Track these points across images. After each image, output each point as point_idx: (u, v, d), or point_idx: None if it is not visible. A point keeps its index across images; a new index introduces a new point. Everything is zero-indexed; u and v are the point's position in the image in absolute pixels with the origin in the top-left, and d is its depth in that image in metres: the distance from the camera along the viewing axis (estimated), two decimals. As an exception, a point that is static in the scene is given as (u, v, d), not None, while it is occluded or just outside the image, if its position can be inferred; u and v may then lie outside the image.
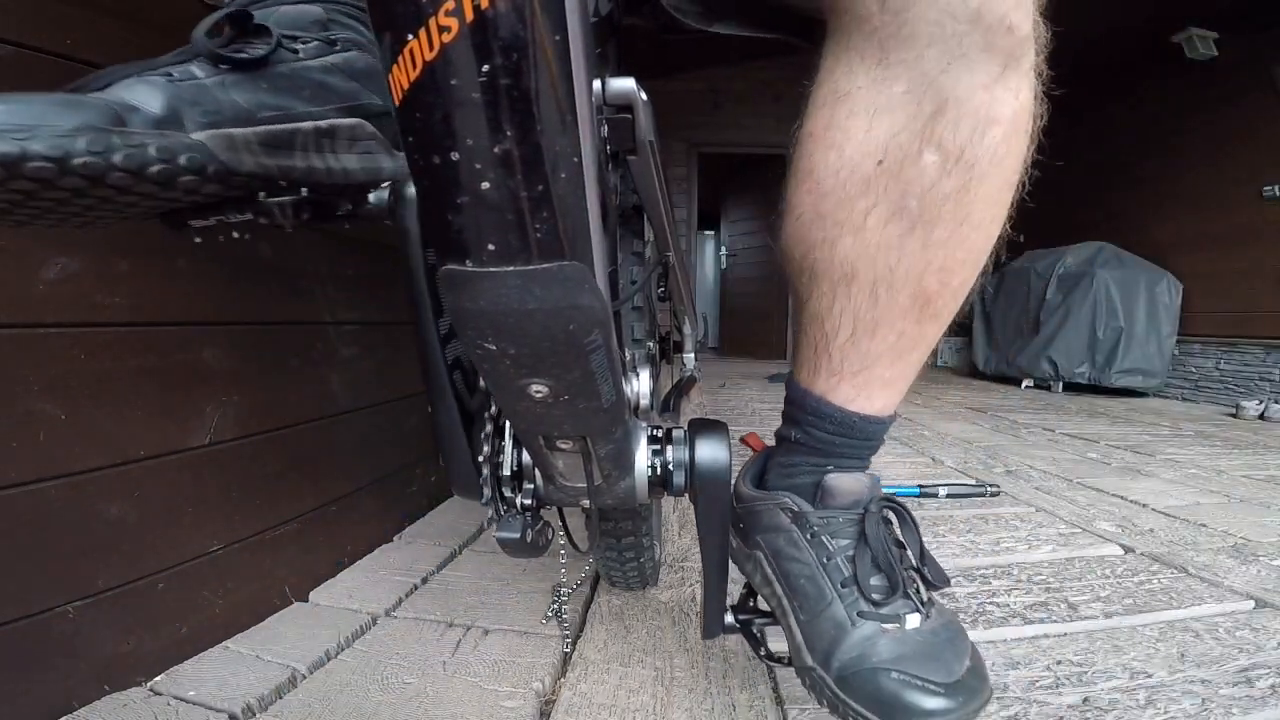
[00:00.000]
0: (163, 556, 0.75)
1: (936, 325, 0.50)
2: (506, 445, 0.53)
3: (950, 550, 1.15)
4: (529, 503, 0.53)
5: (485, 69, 0.23)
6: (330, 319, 1.04)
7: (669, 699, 0.69)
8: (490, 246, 0.27)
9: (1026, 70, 0.43)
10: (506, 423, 0.52)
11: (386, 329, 1.18)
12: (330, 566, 1.02)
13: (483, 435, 0.51)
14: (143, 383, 0.73)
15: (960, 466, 1.83)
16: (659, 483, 0.53)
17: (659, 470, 0.53)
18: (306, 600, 0.94)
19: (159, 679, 0.72)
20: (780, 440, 0.59)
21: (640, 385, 0.53)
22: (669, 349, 1.50)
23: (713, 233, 7.90)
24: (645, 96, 0.39)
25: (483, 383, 0.52)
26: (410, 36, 0.22)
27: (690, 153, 4.95)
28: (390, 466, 1.20)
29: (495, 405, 0.52)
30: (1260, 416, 2.97)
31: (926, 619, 0.50)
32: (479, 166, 0.25)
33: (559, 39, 0.24)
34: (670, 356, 1.50)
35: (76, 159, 0.32)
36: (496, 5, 0.21)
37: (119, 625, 0.70)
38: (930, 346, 0.52)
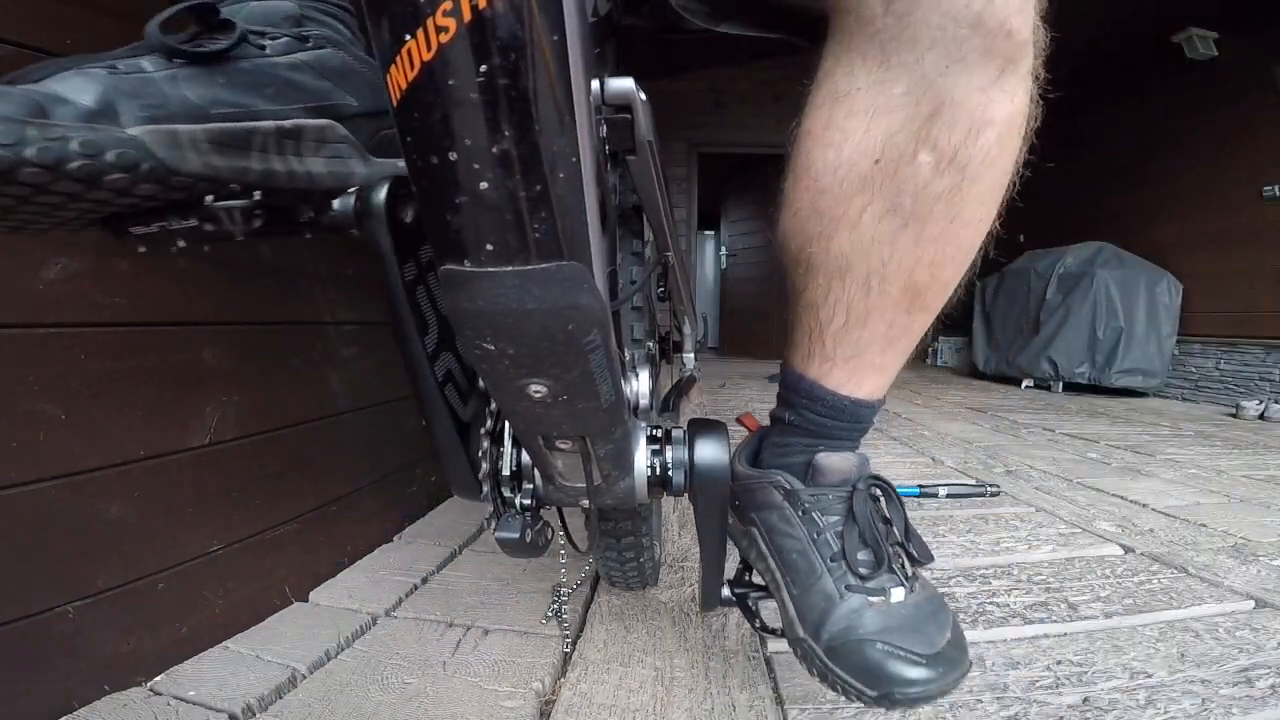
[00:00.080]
0: (163, 556, 0.75)
1: (925, 316, 0.52)
2: (506, 445, 0.53)
3: (950, 550, 1.15)
4: (528, 503, 0.53)
5: (483, 69, 0.23)
6: (330, 319, 1.04)
7: (669, 699, 0.69)
8: (489, 246, 0.27)
9: (1024, 74, 0.43)
10: (506, 423, 0.53)
11: (386, 329, 1.18)
12: (330, 566, 1.02)
13: (482, 437, 0.51)
14: (143, 383, 0.73)
15: (960, 466, 1.83)
16: (658, 483, 0.53)
17: (658, 470, 0.53)
18: (306, 600, 0.94)
19: (159, 679, 0.72)
20: (775, 421, 0.61)
21: (640, 385, 0.54)
22: (669, 349, 1.50)
23: (713, 233, 7.89)
24: (644, 96, 0.39)
25: (481, 384, 0.52)
26: (408, 37, 0.22)
27: (690, 153, 4.94)
28: (390, 466, 1.20)
29: (494, 406, 0.52)
30: (1260, 416, 2.96)
31: (911, 593, 0.53)
32: (477, 166, 0.25)
33: (557, 39, 0.24)
34: (670, 356, 1.50)
35: None
36: (494, 5, 0.21)
37: (119, 625, 0.70)
38: (919, 336, 0.53)
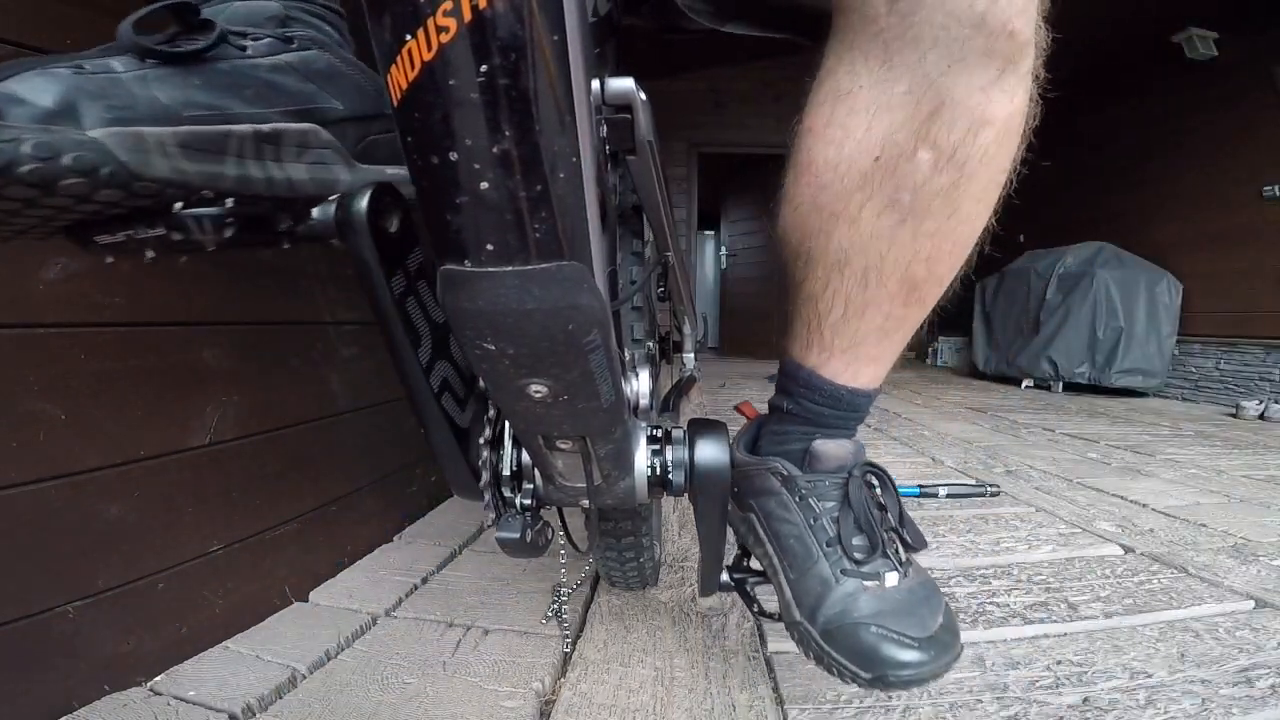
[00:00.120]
0: (163, 556, 0.75)
1: (921, 309, 0.53)
2: (506, 445, 0.53)
3: (950, 550, 1.15)
4: (529, 503, 0.53)
5: (483, 69, 0.23)
6: (330, 319, 1.04)
7: (669, 699, 0.69)
8: (489, 246, 0.27)
9: (1024, 74, 0.44)
10: (506, 424, 0.53)
11: (386, 329, 1.18)
12: (330, 566, 1.02)
13: (481, 438, 0.51)
14: (143, 383, 0.73)
15: (960, 466, 1.83)
16: (658, 483, 0.53)
17: (658, 470, 0.53)
18: (306, 600, 0.94)
19: (159, 679, 0.72)
20: (773, 409, 0.62)
21: (640, 385, 0.54)
22: (669, 349, 1.50)
23: (713, 233, 7.89)
24: (644, 96, 0.39)
25: (478, 387, 0.52)
26: (408, 37, 0.22)
27: (690, 153, 4.94)
28: (390, 466, 1.20)
29: (493, 408, 0.52)
30: (1260, 416, 2.96)
31: (904, 577, 0.54)
32: (478, 166, 0.25)
33: (557, 39, 0.24)
34: (670, 356, 1.50)
35: None
36: (494, 5, 0.22)
37: (119, 625, 0.70)
38: (915, 327, 0.54)
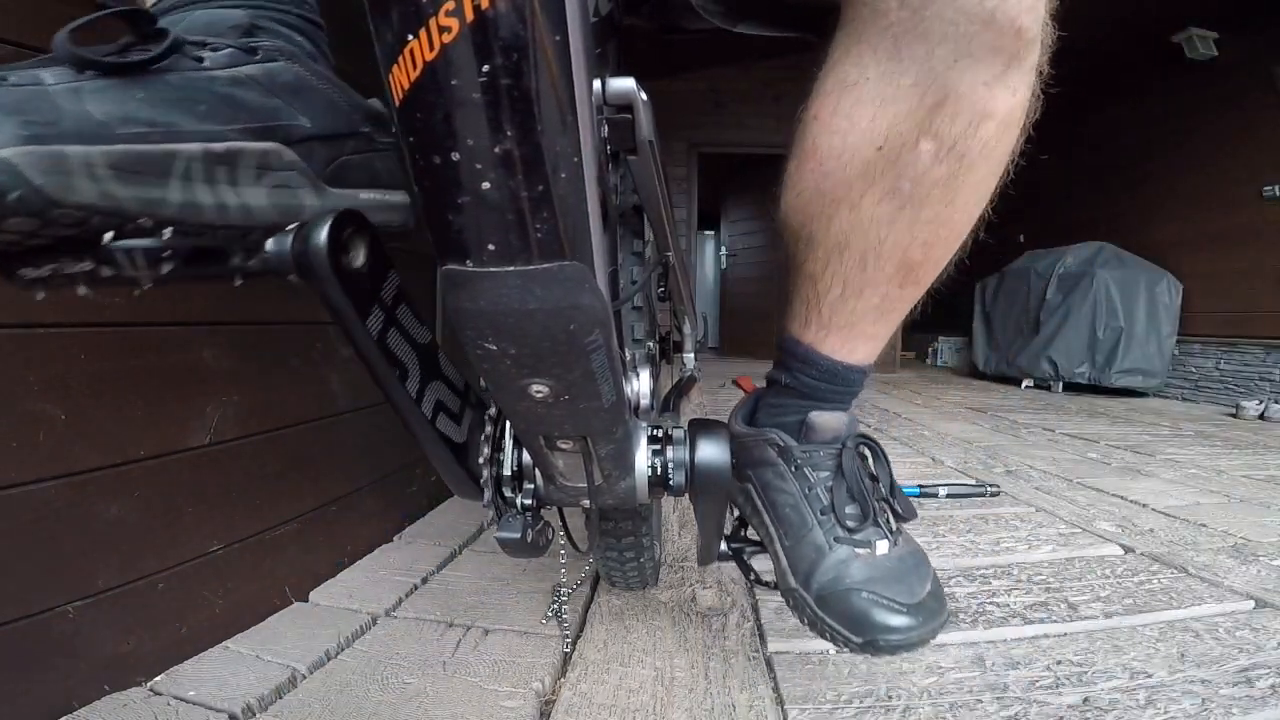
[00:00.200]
0: (163, 556, 0.75)
1: (917, 290, 0.54)
2: (507, 445, 0.53)
3: (950, 550, 1.15)
4: (529, 503, 0.53)
5: (485, 69, 0.23)
6: (330, 319, 1.04)
7: (669, 699, 0.69)
8: (490, 246, 0.27)
9: (1028, 69, 0.44)
10: (506, 425, 0.53)
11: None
12: (330, 566, 1.02)
13: (481, 439, 0.51)
14: (142, 383, 0.73)
15: (960, 466, 1.83)
16: (659, 482, 0.53)
17: (659, 470, 0.53)
18: (306, 600, 0.94)
19: (159, 679, 0.72)
20: (771, 383, 0.64)
21: (640, 385, 0.54)
22: (669, 349, 1.49)
23: (713, 233, 7.88)
24: (645, 96, 0.39)
25: (475, 396, 0.52)
26: (410, 36, 0.22)
27: (690, 153, 4.94)
28: (390, 466, 1.20)
29: (493, 412, 0.52)
30: (1260, 416, 2.97)
31: (894, 546, 0.56)
32: (479, 166, 0.25)
33: (559, 39, 0.24)
34: (670, 356, 1.50)
35: None
36: (497, 5, 0.22)
37: (119, 625, 0.70)
38: (910, 307, 0.56)
